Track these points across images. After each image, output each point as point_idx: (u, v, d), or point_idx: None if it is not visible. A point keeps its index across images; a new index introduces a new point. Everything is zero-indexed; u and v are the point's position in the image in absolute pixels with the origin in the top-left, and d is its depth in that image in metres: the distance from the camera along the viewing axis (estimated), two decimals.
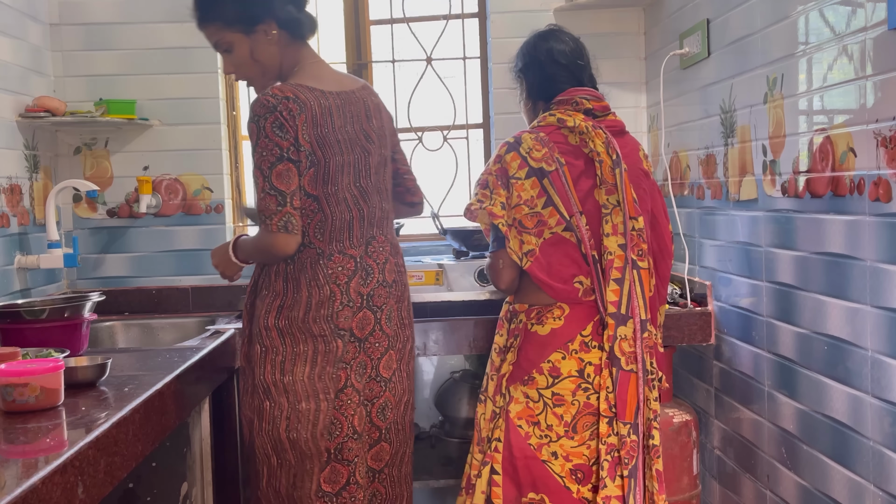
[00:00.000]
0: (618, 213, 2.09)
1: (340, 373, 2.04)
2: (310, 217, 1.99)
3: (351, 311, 2.04)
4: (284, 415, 2.02)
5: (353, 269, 2.04)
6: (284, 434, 2.02)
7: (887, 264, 1.71)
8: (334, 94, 2.04)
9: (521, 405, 2.11)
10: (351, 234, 2.05)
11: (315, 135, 1.96)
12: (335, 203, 2.01)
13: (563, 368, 2.09)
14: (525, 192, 2.09)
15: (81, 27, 3.11)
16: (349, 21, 3.39)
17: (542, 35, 2.28)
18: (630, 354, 2.07)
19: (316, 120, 1.96)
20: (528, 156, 2.10)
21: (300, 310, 2.01)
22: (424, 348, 2.61)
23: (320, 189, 1.99)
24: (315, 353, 2.02)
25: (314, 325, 2.01)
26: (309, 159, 1.96)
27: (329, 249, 2.02)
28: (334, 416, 2.04)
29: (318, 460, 2.03)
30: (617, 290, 2.07)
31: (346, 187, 2.03)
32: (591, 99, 2.18)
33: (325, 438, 2.02)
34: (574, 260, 2.10)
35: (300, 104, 1.94)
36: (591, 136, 2.10)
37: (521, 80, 2.29)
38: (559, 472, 2.08)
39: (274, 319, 2.03)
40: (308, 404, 2.01)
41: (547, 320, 2.12)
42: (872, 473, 1.81)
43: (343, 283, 2.03)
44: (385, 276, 2.13)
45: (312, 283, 2.01)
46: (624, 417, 2.05)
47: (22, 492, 1.18)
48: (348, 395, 2.05)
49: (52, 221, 2.81)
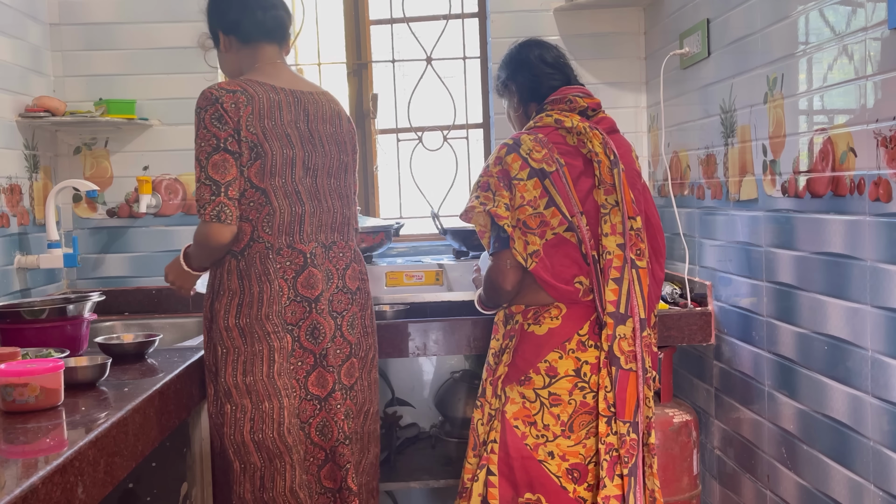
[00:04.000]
0: (616, 212, 2.09)
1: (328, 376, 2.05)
2: (258, 210, 2.00)
3: (301, 308, 2.03)
4: (248, 416, 2.01)
5: (302, 264, 2.04)
6: (249, 437, 2.01)
7: (887, 264, 1.71)
8: (286, 90, 2.06)
9: (518, 405, 2.11)
10: (301, 228, 2.05)
11: (262, 126, 1.98)
12: (283, 196, 2.01)
13: (560, 368, 2.09)
14: (528, 192, 2.09)
15: (81, 27, 3.11)
16: (349, 21, 3.39)
17: (523, 44, 2.32)
18: (629, 353, 2.07)
19: (263, 112, 1.98)
20: (529, 157, 2.09)
21: (254, 306, 2.01)
22: (424, 348, 2.61)
23: (267, 181, 1.99)
24: (271, 350, 2.01)
25: (267, 323, 2.01)
26: (254, 151, 1.97)
27: (278, 243, 2.03)
28: (326, 418, 2.05)
29: (289, 458, 2.03)
30: (616, 290, 2.07)
31: (299, 181, 2.04)
32: (583, 96, 2.19)
33: (292, 435, 2.02)
34: (574, 260, 2.10)
35: (247, 96, 1.97)
36: (588, 136, 2.11)
37: (510, 88, 2.29)
38: (555, 472, 2.08)
39: (234, 319, 2.02)
40: (271, 403, 2.01)
41: (544, 320, 2.11)
42: (872, 473, 1.81)
43: (291, 279, 2.03)
44: (346, 283, 2.14)
45: (263, 279, 2.02)
46: (623, 416, 2.05)
47: (22, 492, 1.18)
48: (336, 398, 2.06)
49: (51, 221, 2.81)
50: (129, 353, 2.11)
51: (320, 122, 2.11)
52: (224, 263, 2.06)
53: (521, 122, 2.29)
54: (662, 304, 2.67)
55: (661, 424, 2.54)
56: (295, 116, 2.05)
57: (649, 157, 3.24)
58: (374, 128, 3.41)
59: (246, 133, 1.96)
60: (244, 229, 2.01)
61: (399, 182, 3.42)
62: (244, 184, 1.98)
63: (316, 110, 2.11)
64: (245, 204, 2.00)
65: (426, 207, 3.34)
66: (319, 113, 2.12)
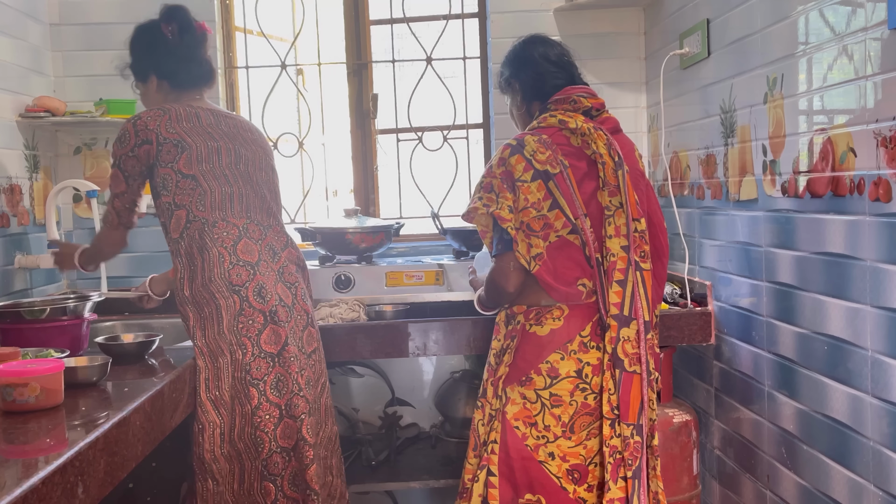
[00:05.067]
0: (620, 214, 2.08)
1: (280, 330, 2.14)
2: (190, 194, 2.18)
3: (245, 271, 2.16)
4: (203, 377, 2.11)
5: (237, 235, 2.19)
6: (205, 395, 2.10)
7: (887, 264, 1.71)
8: (205, 108, 2.28)
9: (518, 406, 2.11)
10: (232, 205, 2.21)
11: (181, 127, 2.19)
12: (212, 178, 2.20)
13: (561, 369, 2.08)
14: (532, 194, 2.07)
15: (81, 27, 3.11)
16: (349, 21, 3.39)
17: (527, 40, 2.28)
18: (633, 356, 2.05)
19: (181, 117, 2.20)
20: (533, 158, 2.08)
21: (198, 275, 2.16)
22: (424, 348, 2.61)
23: (195, 168, 2.18)
24: (218, 308, 2.13)
25: (211, 285, 2.14)
26: (179, 146, 2.18)
27: (212, 217, 2.18)
28: (280, 373, 2.13)
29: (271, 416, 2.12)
30: (620, 292, 2.06)
31: (226, 166, 2.23)
32: (587, 96, 2.16)
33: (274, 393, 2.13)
34: (578, 263, 2.09)
35: (163, 110, 2.20)
36: (593, 137, 2.09)
37: (514, 86, 2.27)
38: (556, 473, 2.08)
39: (188, 291, 2.17)
40: (224, 358, 2.11)
41: (546, 321, 2.11)
42: (872, 473, 1.81)
43: (230, 246, 2.17)
44: (293, 258, 2.32)
45: (203, 249, 2.17)
46: (627, 419, 2.04)
47: (22, 492, 1.18)
48: (290, 352, 2.15)
49: (52, 221, 2.81)
50: (129, 353, 2.11)
51: (241, 128, 2.32)
52: (173, 251, 2.23)
53: (524, 120, 2.27)
54: (663, 304, 2.67)
55: (661, 424, 2.54)
56: (215, 121, 2.26)
57: (649, 158, 3.24)
58: (374, 128, 3.41)
59: (167, 134, 2.17)
60: (179, 216, 2.19)
61: (399, 182, 3.42)
62: (175, 175, 2.17)
63: (234, 122, 2.32)
64: (179, 192, 2.18)
65: (426, 207, 3.34)
66: (238, 122, 2.33)
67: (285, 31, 3.52)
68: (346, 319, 2.66)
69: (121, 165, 2.21)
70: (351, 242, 2.91)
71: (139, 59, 2.34)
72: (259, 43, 3.37)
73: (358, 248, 2.92)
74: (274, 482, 2.11)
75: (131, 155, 2.19)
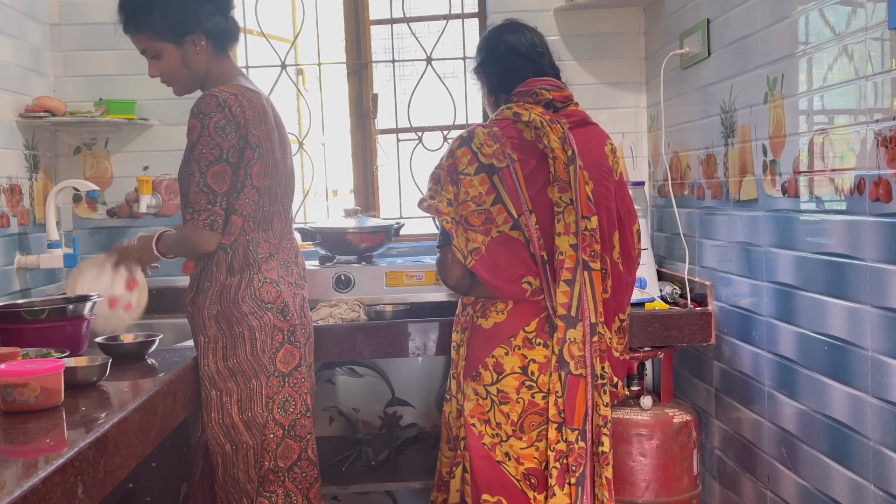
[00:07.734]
0: (570, 211, 2.03)
1: (295, 351, 2.12)
2: (250, 206, 2.09)
3: (274, 289, 2.12)
4: (235, 398, 2.07)
5: (271, 253, 2.16)
6: (238, 417, 2.06)
7: (887, 264, 1.71)
8: (262, 95, 2.17)
9: (473, 402, 2.09)
10: (272, 225, 2.17)
11: (261, 130, 2.08)
12: (268, 196, 2.13)
13: (505, 364, 2.05)
14: (473, 188, 2.05)
15: (81, 27, 3.11)
16: (349, 21, 3.39)
17: (499, 28, 2.25)
18: (579, 358, 2.02)
19: (259, 117, 2.08)
20: (479, 151, 2.06)
21: (232, 292, 2.09)
22: (424, 348, 2.61)
23: (261, 181, 2.09)
24: (251, 330, 2.08)
25: (243, 304, 2.09)
26: (257, 152, 2.06)
27: (257, 238, 2.13)
28: (289, 393, 2.10)
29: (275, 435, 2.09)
30: (567, 292, 2.02)
31: (278, 182, 2.16)
32: (551, 89, 2.13)
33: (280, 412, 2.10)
34: (522, 260, 2.06)
35: (247, 100, 2.05)
36: (545, 131, 2.04)
37: (482, 76, 2.26)
38: (514, 475, 2.05)
39: (217, 308, 2.09)
40: (258, 380, 2.07)
41: (490, 314, 2.09)
42: (872, 473, 1.81)
43: (265, 266, 2.13)
44: (300, 268, 2.29)
45: (244, 268, 2.10)
46: (572, 423, 2.00)
47: (22, 492, 1.18)
48: (302, 372, 2.13)
49: (52, 221, 2.81)
50: (129, 353, 2.11)
51: (282, 126, 2.26)
52: (214, 256, 2.11)
53: (492, 109, 2.25)
54: (662, 304, 2.67)
55: (661, 424, 2.54)
56: (275, 121, 2.19)
57: (649, 157, 3.24)
58: (374, 128, 3.41)
59: (252, 137, 2.05)
60: (235, 223, 2.09)
61: (399, 182, 3.42)
62: (245, 181, 2.06)
63: (279, 119, 2.25)
64: (242, 200, 2.07)
65: None
66: (280, 121, 2.26)
67: (285, 31, 3.52)
68: (346, 319, 2.66)
69: (229, 159, 2.01)
70: (351, 242, 2.91)
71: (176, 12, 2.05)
72: (259, 43, 3.36)
73: (358, 248, 2.92)
74: (269, 499, 2.11)
75: (237, 147, 2.02)
